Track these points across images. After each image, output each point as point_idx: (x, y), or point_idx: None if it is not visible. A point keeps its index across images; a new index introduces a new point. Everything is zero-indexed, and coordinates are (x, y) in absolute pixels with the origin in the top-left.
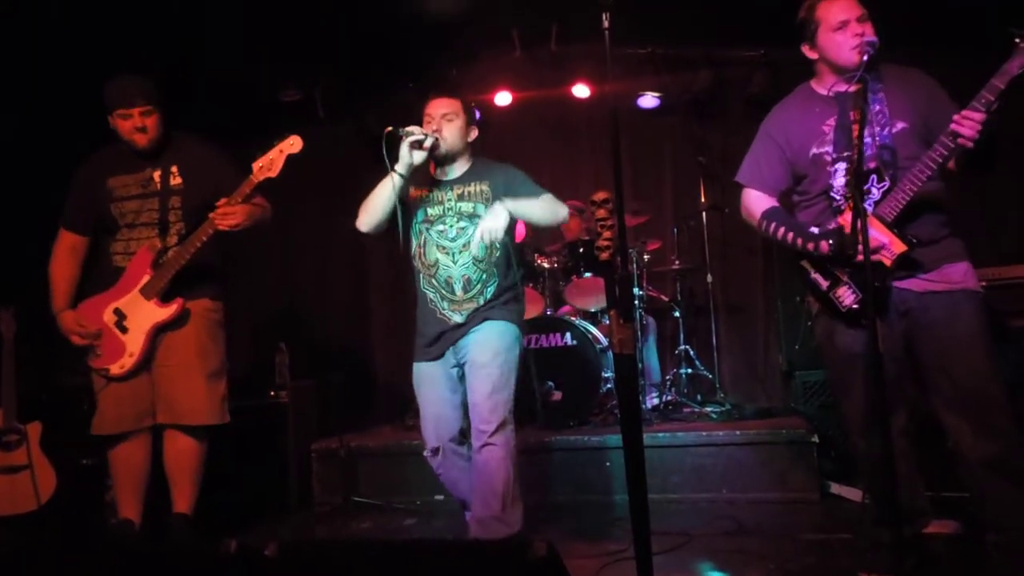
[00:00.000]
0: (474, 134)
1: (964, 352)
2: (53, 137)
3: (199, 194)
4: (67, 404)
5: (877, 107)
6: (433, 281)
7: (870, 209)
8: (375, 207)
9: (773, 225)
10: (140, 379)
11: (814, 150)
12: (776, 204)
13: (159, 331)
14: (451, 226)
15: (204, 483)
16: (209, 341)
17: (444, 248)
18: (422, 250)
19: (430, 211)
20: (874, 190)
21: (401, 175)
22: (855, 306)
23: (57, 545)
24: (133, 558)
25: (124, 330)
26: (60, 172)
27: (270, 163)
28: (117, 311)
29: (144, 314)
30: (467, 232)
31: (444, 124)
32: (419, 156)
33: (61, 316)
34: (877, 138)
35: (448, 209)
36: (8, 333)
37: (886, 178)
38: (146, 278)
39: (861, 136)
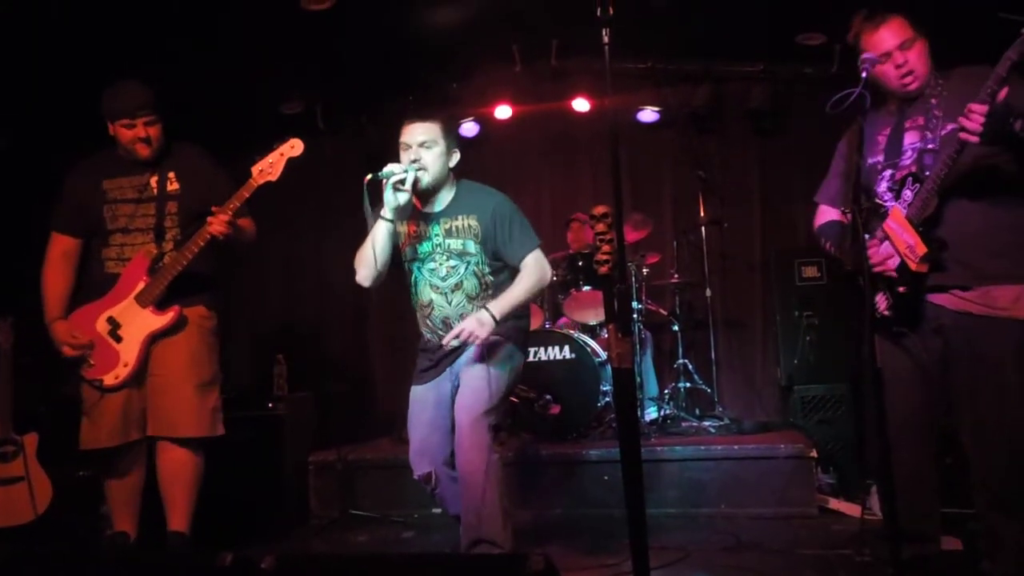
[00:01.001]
0: (456, 157)
1: (992, 388)
2: (52, 145)
3: (196, 201)
4: (64, 415)
5: (936, 112)
6: (428, 322)
7: (904, 212)
8: (370, 259)
9: (823, 239)
10: (130, 389)
11: (870, 160)
12: (834, 218)
13: (154, 340)
14: (441, 264)
15: (199, 495)
16: (203, 350)
17: (436, 288)
18: (414, 289)
19: (419, 248)
20: (908, 193)
21: (389, 220)
22: (886, 312)
23: (53, 556)
24: (129, 571)
25: (118, 339)
26: (60, 180)
27: (270, 166)
28: (111, 319)
29: (140, 322)
30: (458, 271)
31: (423, 153)
32: (403, 196)
33: (54, 326)
34: (924, 143)
35: (437, 246)
36: (6, 344)
37: (920, 180)
38: (141, 285)
39: (859, 151)
